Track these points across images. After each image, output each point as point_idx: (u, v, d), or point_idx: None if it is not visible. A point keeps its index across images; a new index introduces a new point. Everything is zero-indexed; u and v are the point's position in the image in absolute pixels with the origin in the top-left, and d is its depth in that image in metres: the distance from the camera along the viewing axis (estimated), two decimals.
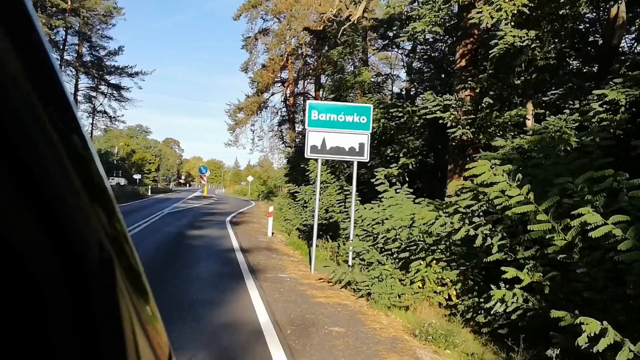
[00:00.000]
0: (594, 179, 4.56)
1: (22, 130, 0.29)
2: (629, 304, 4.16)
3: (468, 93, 9.58)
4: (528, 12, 7.77)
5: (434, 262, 6.76)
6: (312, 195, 14.81)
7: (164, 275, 7.35)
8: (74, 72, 37.77)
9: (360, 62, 19.06)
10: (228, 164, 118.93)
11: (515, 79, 8.81)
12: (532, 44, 8.25)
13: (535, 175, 5.57)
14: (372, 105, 8.42)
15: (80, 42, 38.54)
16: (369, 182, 15.81)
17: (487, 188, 5.42)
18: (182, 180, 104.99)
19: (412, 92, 18.32)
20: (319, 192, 8.62)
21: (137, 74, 40.15)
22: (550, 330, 4.21)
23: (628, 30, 11.08)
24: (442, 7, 8.78)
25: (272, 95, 37.43)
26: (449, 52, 14.62)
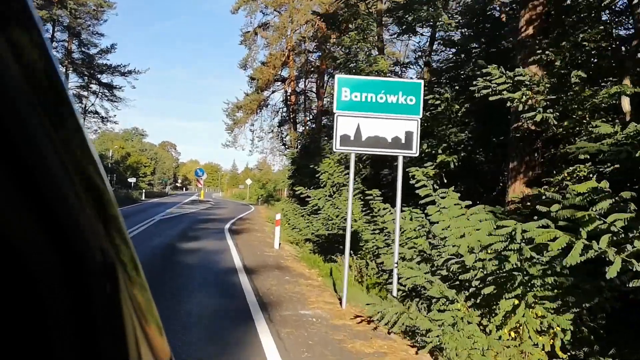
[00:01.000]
0: None
1: (22, 130, 0.29)
2: None
3: (535, 70, 7.46)
4: None
5: (535, 301, 4.63)
6: (325, 201, 12.66)
7: None
8: (63, 69, 35.63)
9: (376, 49, 16.94)
10: (225, 167, 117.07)
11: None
12: None
13: None
14: (422, 81, 6.28)
15: (70, 38, 36.51)
16: (391, 183, 13.68)
17: None
18: (178, 184, 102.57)
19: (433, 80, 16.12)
20: (351, 197, 6.47)
21: (130, 73, 38.00)
22: None
23: None
24: None
25: (272, 93, 35.28)
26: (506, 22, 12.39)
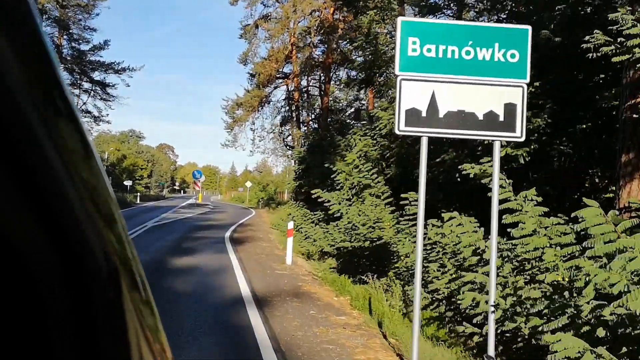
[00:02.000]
0: None
1: (23, 130, 0.29)
2: None
3: None
4: None
5: None
6: (348, 206, 10.47)
7: None
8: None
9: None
10: (224, 170, 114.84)
11: None
12: None
13: None
14: (530, 28, 4.12)
15: (60, 32, 34.41)
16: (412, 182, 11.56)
17: None
18: (176, 187, 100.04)
19: None
20: (422, 204, 4.27)
21: (124, 70, 35.86)
22: None
23: None
24: None
25: (274, 89, 33.03)
26: None
